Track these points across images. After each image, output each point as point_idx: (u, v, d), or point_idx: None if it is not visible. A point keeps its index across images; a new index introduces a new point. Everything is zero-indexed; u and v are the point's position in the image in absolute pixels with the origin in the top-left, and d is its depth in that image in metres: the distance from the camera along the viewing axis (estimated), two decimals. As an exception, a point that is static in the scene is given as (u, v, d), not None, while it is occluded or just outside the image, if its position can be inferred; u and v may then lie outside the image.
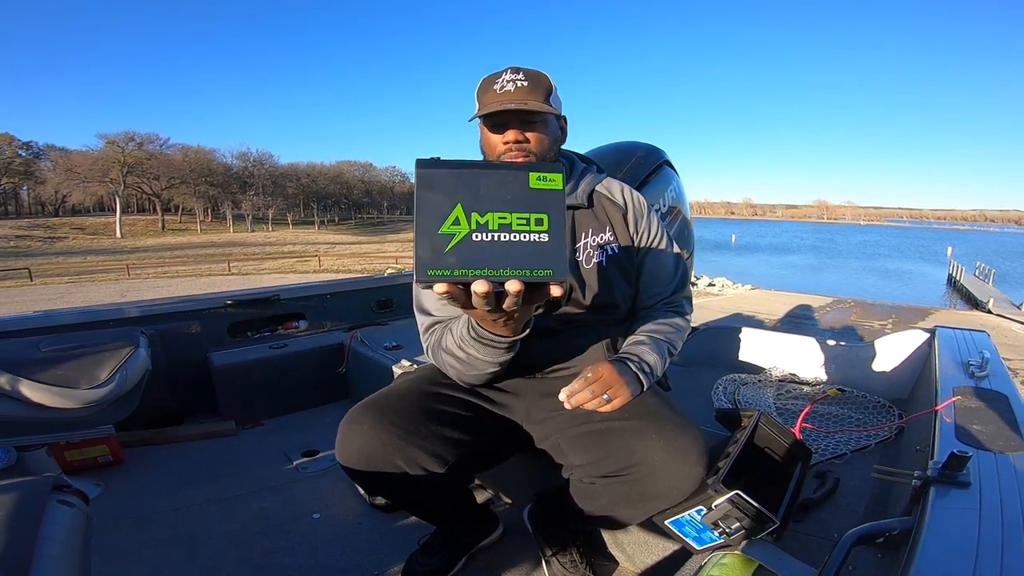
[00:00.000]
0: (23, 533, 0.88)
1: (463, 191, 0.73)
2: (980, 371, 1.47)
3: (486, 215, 0.73)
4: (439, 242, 0.73)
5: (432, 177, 0.74)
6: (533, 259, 0.74)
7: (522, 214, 0.74)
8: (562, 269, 0.75)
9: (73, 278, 22.06)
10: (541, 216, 0.74)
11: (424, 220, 0.73)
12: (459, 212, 0.73)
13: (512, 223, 0.74)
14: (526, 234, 0.74)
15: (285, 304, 2.91)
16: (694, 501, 1.03)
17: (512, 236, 0.74)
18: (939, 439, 1.07)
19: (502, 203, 0.74)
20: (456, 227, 0.73)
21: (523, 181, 0.75)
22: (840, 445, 1.72)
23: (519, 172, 0.75)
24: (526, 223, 0.74)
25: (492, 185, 0.74)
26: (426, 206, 0.73)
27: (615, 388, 1.09)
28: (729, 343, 2.67)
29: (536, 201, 0.74)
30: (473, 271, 0.74)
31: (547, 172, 0.75)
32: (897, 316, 4.26)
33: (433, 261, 0.73)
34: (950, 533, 0.75)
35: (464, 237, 0.73)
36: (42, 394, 1.73)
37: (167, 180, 57.74)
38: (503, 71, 1.18)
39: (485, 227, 0.73)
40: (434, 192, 0.73)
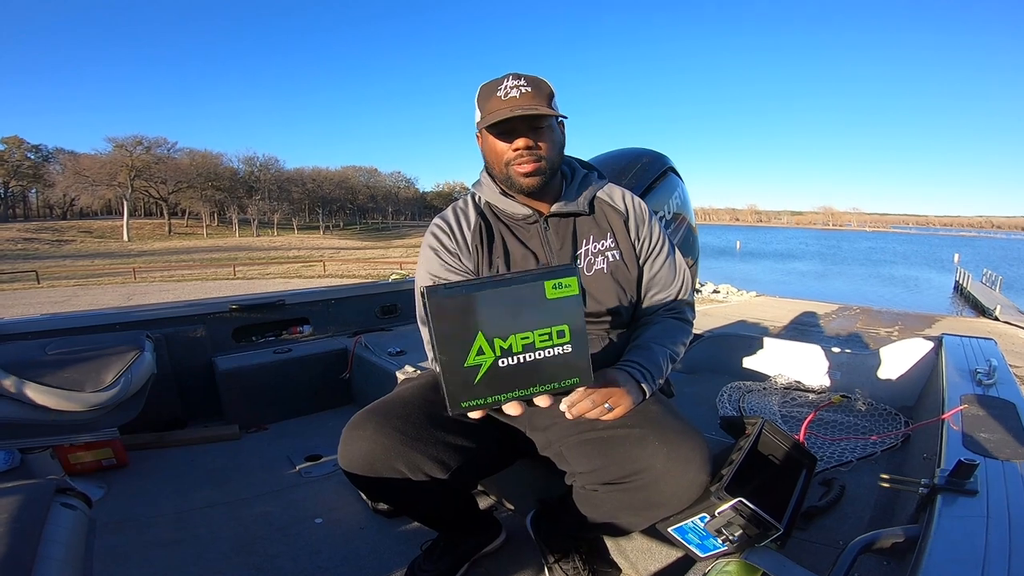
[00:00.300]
0: (26, 535, 0.88)
1: (481, 317, 0.72)
2: (987, 379, 1.46)
3: (508, 339, 0.73)
4: (467, 375, 0.73)
5: (446, 307, 0.72)
6: (560, 372, 0.75)
7: (543, 330, 0.74)
8: (588, 374, 0.75)
9: (80, 281, 22.19)
10: (562, 328, 0.74)
11: (448, 356, 0.72)
12: (482, 341, 0.72)
13: (535, 342, 0.73)
14: (550, 349, 0.74)
15: (290, 309, 2.92)
16: (697, 508, 1.03)
17: (537, 355, 0.74)
18: (946, 447, 1.06)
19: (522, 322, 0.73)
20: (481, 357, 0.73)
21: (540, 294, 0.74)
22: (845, 453, 1.71)
23: (535, 283, 0.74)
24: (549, 338, 0.74)
25: (509, 304, 0.73)
26: (447, 337, 0.72)
27: (616, 397, 1.09)
28: (734, 350, 2.66)
29: (555, 312, 0.74)
30: (504, 395, 0.74)
31: (562, 278, 0.74)
32: (903, 323, 4.23)
33: (463, 394, 0.73)
34: (957, 541, 0.74)
35: (491, 365, 0.73)
36: (47, 396, 1.74)
37: (174, 184, 58.16)
38: (503, 78, 1.17)
39: (509, 351, 0.73)
40: (452, 322, 0.72)
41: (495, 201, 1.29)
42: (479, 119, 1.20)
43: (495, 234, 1.28)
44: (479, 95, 1.20)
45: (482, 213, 1.30)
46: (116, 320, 2.39)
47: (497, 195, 1.28)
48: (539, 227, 1.27)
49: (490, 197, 1.29)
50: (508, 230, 1.28)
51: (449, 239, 1.27)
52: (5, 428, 1.73)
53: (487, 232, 1.27)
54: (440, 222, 1.30)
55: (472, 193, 1.34)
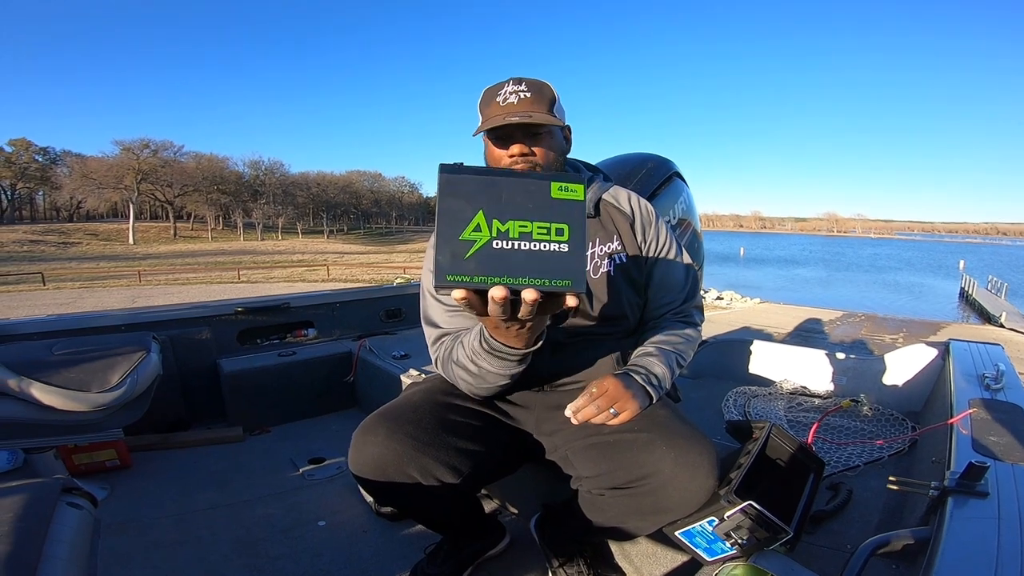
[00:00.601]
0: (32, 534, 0.88)
1: (485, 198, 0.74)
2: (996, 383, 1.46)
3: (507, 223, 0.73)
4: (459, 248, 0.73)
5: (455, 183, 0.74)
6: (552, 269, 0.74)
7: (543, 223, 0.74)
8: (580, 280, 0.74)
9: (86, 283, 22.30)
10: (562, 226, 0.74)
11: (446, 225, 0.73)
12: (480, 219, 0.73)
13: (533, 232, 0.74)
14: (546, 243, 0.74)
15: (295, 312, 2.92)
16: (706, 512, 1.02)
17: (532, 245, 0.74)
18: (956, 450, 1.06)
19: (524, 211, 0.74)
20: (477, 233, 0.73)
21: (545, 191, 0.75)
22: (853, 457, 1.70)
23: (541, 181, 0.75)
24: (547, 232, 0.74)
25: (514, 193, 0.74)
26: (448, 211, 0.73)
27: (621, 402, 1.08)
28: (739, 356, 2.65)
29: (557, 211, 0.74)
30: (492, 278, 0.74)
31: (569, 183, 0.75)
32: (908, 330, 4.20)
33: (453, 266, 0.73)
34: (969, 542, 0.74)
35: (485, 244, 0.73)
36: (52, 396, 1.74)
37: (180, 187, 58.51)
38: (505, 83, 1.17)
39: (506, 235, 0.73)
40: (457, 198, 0.74)
41: None
42: (479, 124, 1.20)
43: None
44: (481, 99, 1.20)
45: None
46: (122, 321, 2.39)
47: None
48: None
49: None
50: None
51: None
52: (10, 428, 1.73)
53: None
54: None
55: None
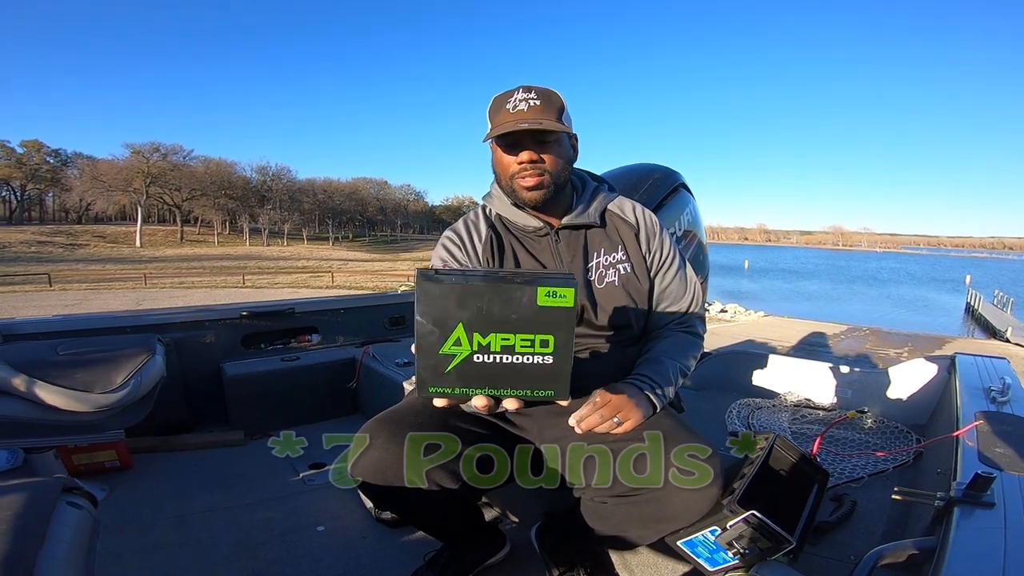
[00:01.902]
0: (31, 532, 0.88)
1: (466, 309, 0.71)
2: (1002, 396, 1.46)
3: (488, 336, 0.72)
4: (440, 362, 0.73)
5: (434, 293, 0.72)
6: (535, 380, 0.73)
7: (527, 336, 0.72)
8: (564, 391, 0.74)
9: (91, 285, 22.42)
10: (547, 338, 0.72)
11: (425, 338, 0.72)
12: (461, 332, 0.72)
13: (516, 345, 0.72)
14: (529, 356, 0.72)
15: (299, 317, 2.93)
16: (708, 521, 1.01)
17: (515, 358, 0.72)
18: (962, 461, 1.05)
19: (506, 324, 0.72)
20: (457, 347, 0.72)
21: (531, 298, 0.72)
22: (857, 469, 1.69)
23: (528, 288, 0.72)
24: (531, 345, 0.72)
25: (497, 303, 0.72)
26: (427, 323, 0.72)
27: (625, 411, 1.08)
28: (743, 368, 2.64)
29: (543, 321, 0.72)
30: (473, 390, 0.74)
31: (558, 288, 0.72)
32: (913, 344, 4.19)
33: (433, 379, 0.73)
34: (975, 553, 0.74)
35: (465, 358, 0.72)
36: (56, 396, 1.74)
37: (188, 191, 58.94)
38: (515, 90, 1.17)
39: (487, 348, 0.72)
40: (436, 309, 0.72)
41: (506, 213, 1.29)
42: (488, 130, 1.20)
43: (506, 246, 1.27)
44: (490, 107, 1.21)
45: (493, 225, 1.30)
46: (128, 323, 2.40)
47: (508, 207, 1.28)
48: (550, 239, 1.27)
49: (501, 209, 1.29)
50: (519, 242, 1.28)
51: (460, 251, 1.27)
52: (12, 427, 1.74)
53: (498, 244, 1.27)
54: (451, 234, 1.30)
55: (483, 205, 1.35)
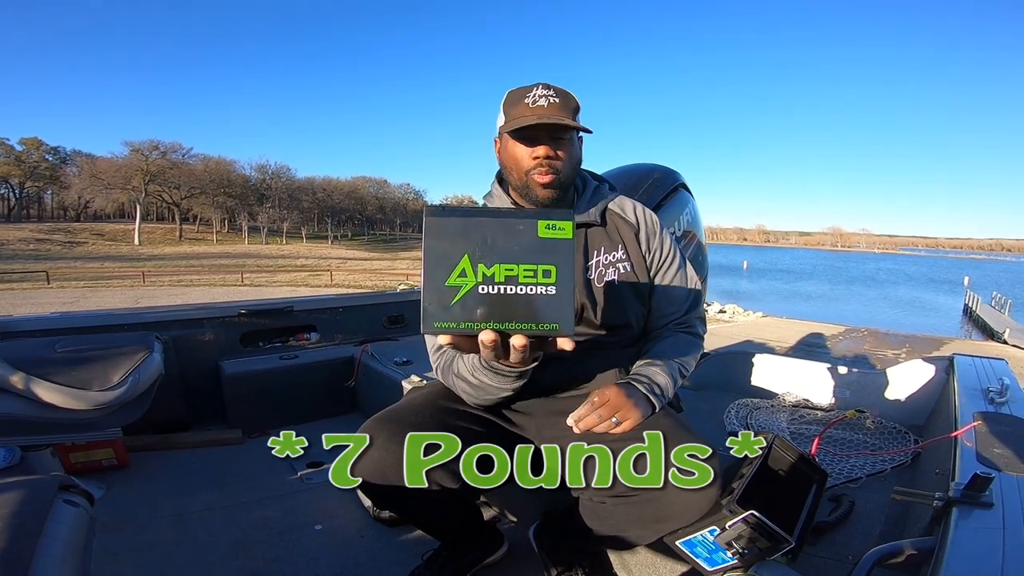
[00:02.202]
0: (27, 530, 0.88)
1: (470, 241, 0.73)
2: (1000, 397, 1.46)
3: (493, 267, 0.73)
4: (445, 294, 0.73)
5: (440, 226, 0.73)
6: (540, 312, 0.74)
7: (529, 265, 0.73)
8: (569, 323, 0.74)
9: (90, 283, 22.38)
10: (549, 268, 0.73)
11: (431, 271, 0.73)
12: (466, 263, 0.73)
13: (519, 275, 0.73)
14: (533, 286, 0.73)
15: (298, 316, 2.92)
16: (708, 521, 1.01)
17: (519, 288, 0.73)
18: (960, 462, 1.06)
19: (509, 254, 0.73)
20: (462, 279, 0.73)
21: (532, 230, 0.74)
22: (855, 469, 1.70)
23: (528, 220, 0.74)
24: (533, 275, 0.73)
25: (500, 235, 0.73)
26: (433, 256, 0.73)
27: (623, 411, 1.08)
28: (741, 368, 2.65)
29: (545, 251, 0.74)
30: (479, 324, 0.74)
31: (557, 220, 0.74)
32: (911, 345, 4.18)
33: (439, 313, 0.73)
34: (973, 553, 0.74)
35: (470, 289, 0.73)
36: (53, 394, 1.74)
37: (187, 190, 58.83)
38: (534, 86, 1.18)
39: (492, 279, 0.73)
40: (441, 241, 0.73)
41: None
42: (502, 123, 1.20)
43: None
44: (506, 100, 1.20)
45: None
46: (126, 321, 2.40)
47: (508, 206, 1.28)
48: None
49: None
50: None
51: None
52: (9, 424, 1.73)
53: None
54: None
55: (483, 205, 1.34)
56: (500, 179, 1.33)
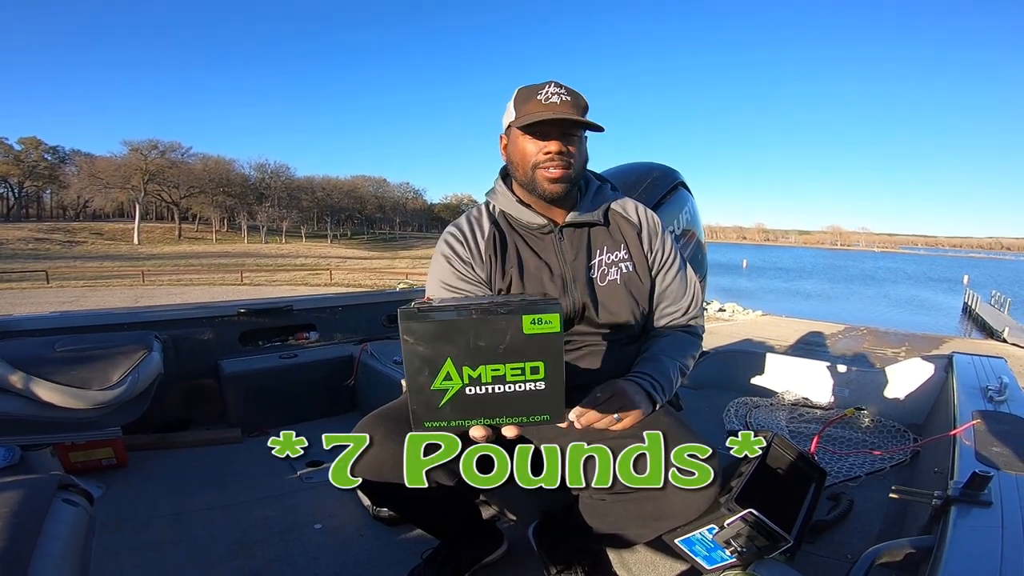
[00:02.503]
0: (26, 529, 0.88)
1: (452, 344, 0.72)
2: (999, 396, 1.46)
3: (478, 368, 0.72)
4: (432, 397, 0.73)
5: (418, 331, 0.72)
6: (529, 407, 0.74)
7: (516, 364, 0.72)
8: (559, 413, 0.74)
9: (89, 282, 22.37)
10: (537, 364, 0.72)
11: (414, 376, 0.72)
12: (450, 367, 0.72)
13: (506, 375, 0.72)
14: (521, 384, 0.73)
15: (297, 315, 2.92)
16: (706, 519, 1.01)
17: (507, 387, 0.73)
18: (959, 460, 1.06)
19: (494, 355, 0.72)
20: (448, 382, 0.72)
21: (516, 328, 0.72)
22: (854, 468, 1.70)
23: (512, 319, 0.72)
24: (521, 373, 0.72)
25: (483, 336, 0.72)
26: (415, 361, 0.72)
27: (624, 407, 1.08)
28: (741, 367, 2.65)
29: (531, 348, 0.72)
30: (469, 421, 0.74)
31: (543, 314, 0.72)
32: (911, 344, 4.19)
33: (428, 415, 0.74)
34: (972, 551, 0.74)
35: (457, 391, 0.73)
36: (53, 393, 1.74)
37: (186, 189, 58.76)
38: (546, 84, 1.18)
39: (478, 380, 0.72)
40: (422, 346, 0.72)
41: (510, 210, 1.28)
42: (512, 119, 1.20)
43: (509, 244, 1.27)
44: (517, 97, 1.20)
45: (496, 222, 1.29)
46: (125, 320, 2.40)
47: (512, 204, 1.28)
48: (553, 237, 1.26)
49: (505, 206, 1.29)
50: (522, 240, 1.28)
51: (463, 248, 1.26)
52: (9, 424, 1.73)
53: (501, 242, 1.27)
54: (454, 230, 1.29)
55: (487, 202, 1.34)
56: (504, 175, 1.33)
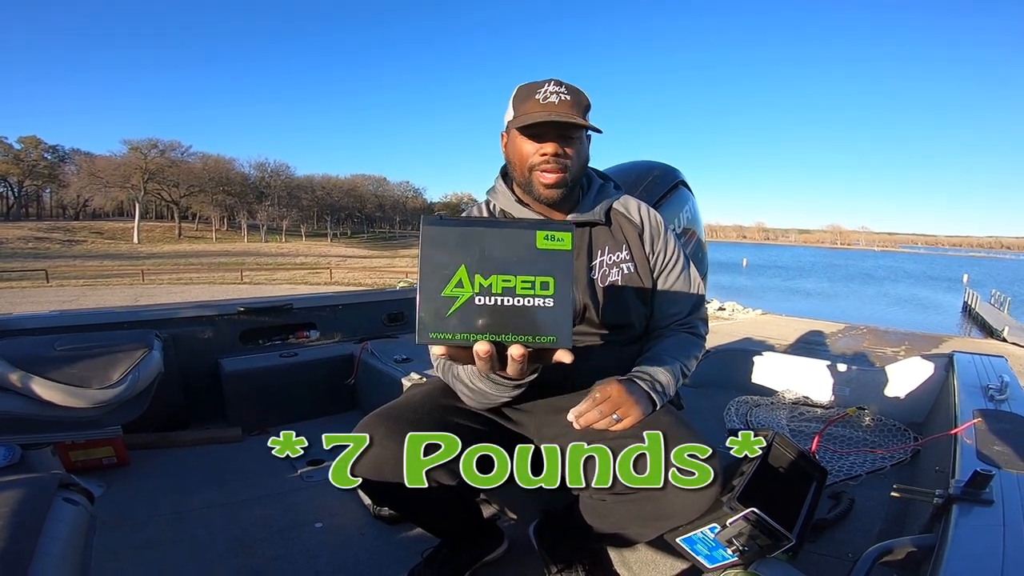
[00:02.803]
0: (27, 529, 0.88)
1: (468, 252, 0.72)
2: (999, 395, 1.46)
3: (490, 278, 0.72)
4: (442, 304, 0.73)
5: (437, 236, 0.73)
6: (537, 324, 0.73)
7: (527, 277, 0.73)
8: (567, 335, 0.74)
9: (89, 281, 22.36)
10: (547, 279, 0.73)
11: (427, 281, 0.72)
12: (463, 274, 0.72)
13: (516, 287, 0.72)
14: (530, 298, 0.73)
15: (297, 313, 2.92)
16: (708, 519, 1.01)
17: (516, 300, 0.73)
18: (960, 459, 1.06)
19: (507, 265, 0.73)
20: (459, 289, 0.72)
21: (530, 241, 0.73)
22: (855, 467, 1.70)
23: (526, 231, 0.73)
24: (531, 287, 0.73)
25: (497, 246, 0.73)
26: (429, 266, 0.73)
27: (625, 407, 1.08)
28: (741, 365, 2.65)
29: (543, 262, 0.73)
30: (474, 335, 0.73)
31: (556, 231, 0.74)
32: (910, 343, 4.18)
33: (434, 324, 0.73)
34: (973, 550, 0.74)
35: (467, 300, 0.72)
36: (53, 392, 1.74)
37: (186, 188, 58.64)
38: (545, 82, 1.17)
39: (488, 290, 0.72)
40: (438, 252, 0.73)
41: (510, 209, 1.28)
42: (511, 118, 1.19)
43: None
44: (516, 95, 1.19)
45: None
46: (126, 318, 2.40)
47: (512, 203, 1.27)
48: None
49: (505, 205, 1.28)
50: None
51: None
52: (9, 423, 1.73)
53: None
54: None
55: (486, 200, 1.34)
56: (504, 174, 1.33)
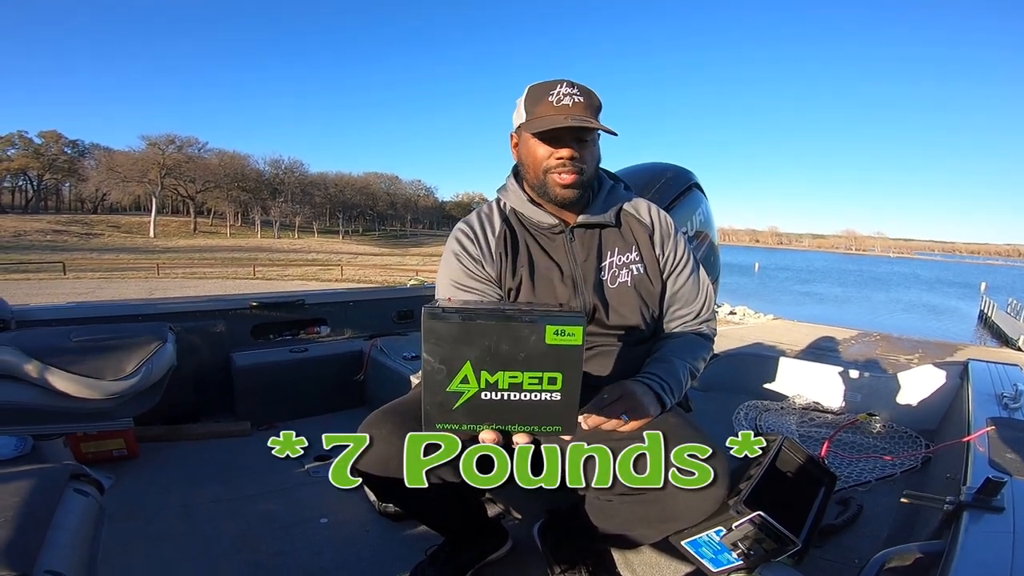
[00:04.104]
0: (37, 519, 0.89)
1: (473, 347, 0.72)
2: (1014, 403, 1.44)
3: (496, 374, 0.72)
4: (447, 399, 0.73)
5: (441, 331, 0.72)
6: (542, 416, 0.74)
7: (535, 373, 0.72)
8: (572, 425, 0.74)
9: (104, 274, 22.70)
10: (555, 375, 0.72)
11: (431, 378, 0.72)
12: (468, 371, 0.72)
13: (524, 382, 0.72)
14: (537, 393, 0.73)
15: (309, 309, 2.94)
16: (714, 521, 1.01)
17: (523, 395, 0.73)
18: (972, 466, 1.04)
19: (514, 362, 0.72)
20: (465, 385, 0.72)
21: (540, 337, 0.72)
22: (864, 472, 1.69)
23: (535, 326, 0.72)
24: (538, 382, 0.72)
25: (505, 341, 0.72)
26: (433, 362, 0.72)
27: (633, 408, 1.07)
28: (751, 369, 2.63)
29: (551, 358, 0.72)
30: (480, 426, 0.74)
31: (567, 326, 0.72)
32: (924, 351, 4.12)
33: (440, 416, 0.74)
34: (983, 557, 0.73)
35: (472, 395, 0.73)
36: (68, 383, 1.76)
37: (202, 183, 59.23)
38: (558, 83, 1.15)
39: (495, 386, 0.72)
40: (443, 347, 0.72)
41: (521, 208, 1.27)
42: (523, 121, 1.18)
43: (520, 242, 1.26)
44: (527, 96, 1.18)
45: (507, 220, 1.28)
46: (140, 311, 2.43)
47: (524, 202, 1.26)
48: (564, 237, 1.25)
49: (516, 204, 1.28)
50: (533, 239, 1.26)
51: (473, 245, 1.25)
52: (22, 413, 1.75)
53: (512, 240, 1.25)
54: (464, 227, 1.28)
55: (497, 199, 1.33)
56: (515, 173, 1.32)
